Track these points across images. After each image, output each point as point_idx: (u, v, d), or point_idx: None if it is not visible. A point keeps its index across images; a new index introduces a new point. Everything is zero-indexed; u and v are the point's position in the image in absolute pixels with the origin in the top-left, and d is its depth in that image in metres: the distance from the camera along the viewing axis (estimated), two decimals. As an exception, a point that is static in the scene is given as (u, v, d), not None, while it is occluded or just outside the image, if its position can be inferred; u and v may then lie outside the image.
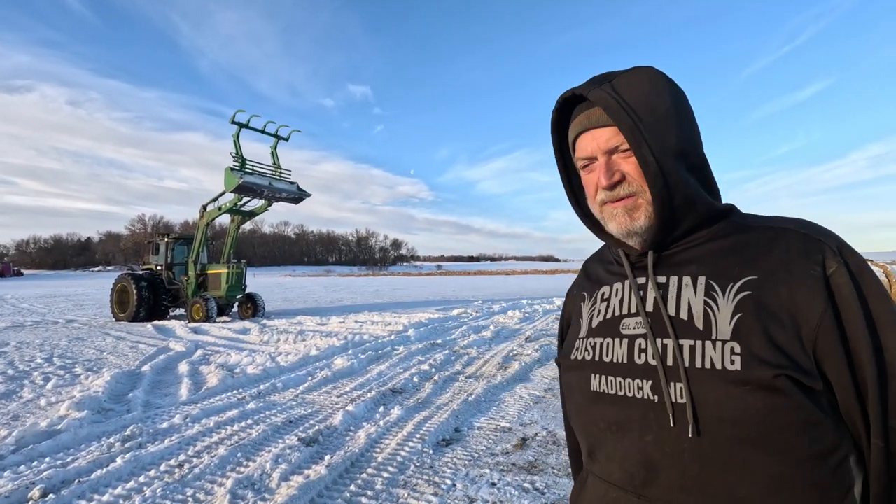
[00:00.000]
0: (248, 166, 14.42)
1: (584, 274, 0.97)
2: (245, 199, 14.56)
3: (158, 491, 3.12)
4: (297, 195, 15.35)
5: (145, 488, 3.17)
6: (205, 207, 15.17)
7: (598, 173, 0.75)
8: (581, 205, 0.87)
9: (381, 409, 4.89)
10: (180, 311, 16.09)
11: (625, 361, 0.73)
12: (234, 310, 15.71)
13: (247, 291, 14.98)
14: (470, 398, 5.24)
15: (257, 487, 3.18)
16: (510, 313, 14.04)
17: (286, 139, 15.94)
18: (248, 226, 17.14)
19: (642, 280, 0.78)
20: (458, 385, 5.94)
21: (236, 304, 15.11)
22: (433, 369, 6.65)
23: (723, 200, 0.80)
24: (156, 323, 13.58)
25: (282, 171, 15.43)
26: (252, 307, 14.75)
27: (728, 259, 0.71)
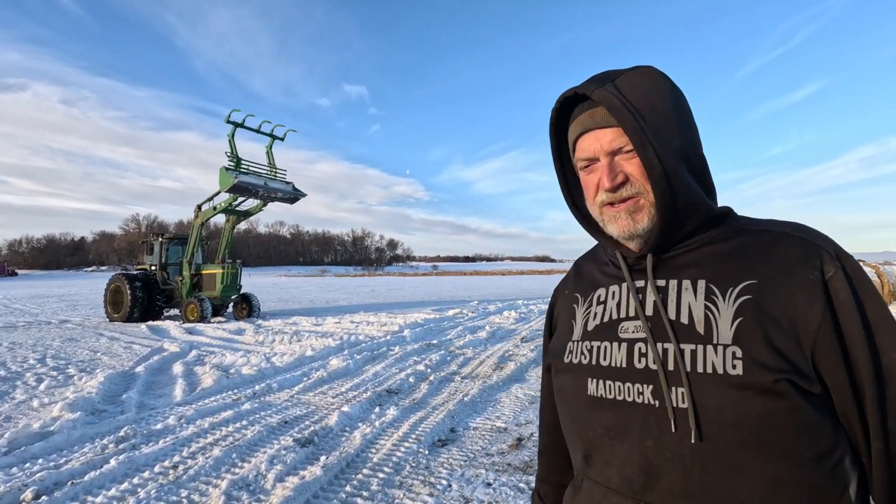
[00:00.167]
0: (243, 166, 14.39)
1: (575, 273, 0.94)
2: (240, 198, 14.52)
3: (153, 492, 3.10)
4: (292, 195, 15.34)
5: (139, 490, 3.16)
6: (199, 207, 15.13)
7: (601, 175, 0.74)
8: (577, 205, 0.86)
9: (377, 409, 4.89)
10: (175, 312, 16.00)
11: (624, 366, 0.72)
12: (229, 310, 15.66)
13: (242, 292, 14.95)
14: (465, 398, 5.25)
15: (252, 488, 3.17)
16: (506, 313, 14.07)
17: (281, 139, 15.94)
18: (243, 226, 17.10)
19: (641, 283, 0.76)
20: (453, 385, 5.94)
21: (231, 305, 15.08)
22: (429, 370, 6.65)
23: (718, 201, 0.79)
24: (150, 323, 13.51)
25: (277, 170, 15.42)
26: (247, 307, 14.72)
27: (727, 263, 0.71)
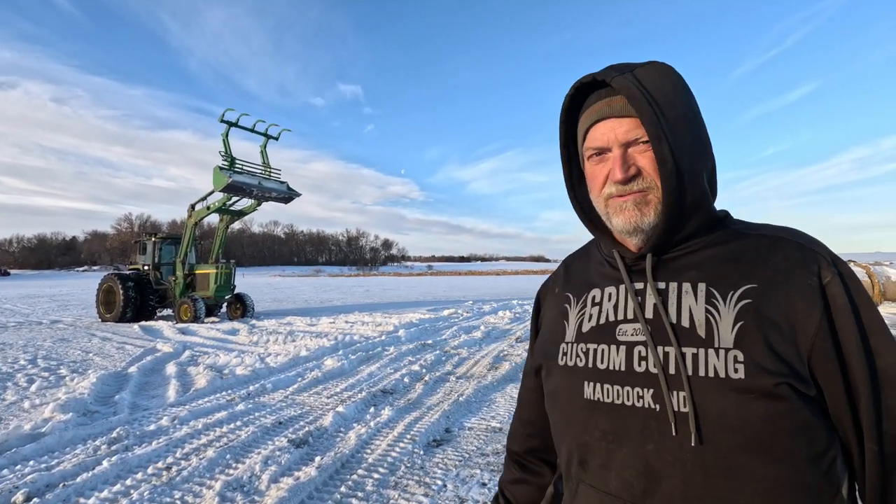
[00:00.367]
0: (237, 165, 14.31)
1: (564, 273, 0.92)
2: (234, 198, 14.45)
3: (146, 494, 3.08)
4: (286, 195, 15.28)
5: (132, 491, 3.13)
6: (193, 207, 15.03)
7: (612, 165, 0.73)
8: (578, 199, 0.84)
9: (372, 409, 4.88)
10: (168, 312, 15.91)
11: (623, 369, 0.72)
12: (223, 310, 15.57)
13: (235, 292, 14.88)
14: (461, 398, 5.25)
15: (246, 490, 3.16)
16: (501, 313, 14.09)
17: (276, 138, 15.86)
18: (236, 225, 17.02)
19: (639, 285, 0.75)
20: (448, 385, 5.94)
21: (225, 305, 14.99)
22: (424, 370, 6.65)
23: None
24: (143, 324, 13.42)
25: (271, 170, 15.35)
26: (241, 308, 14.64)
27: (727, 266, 0.71)
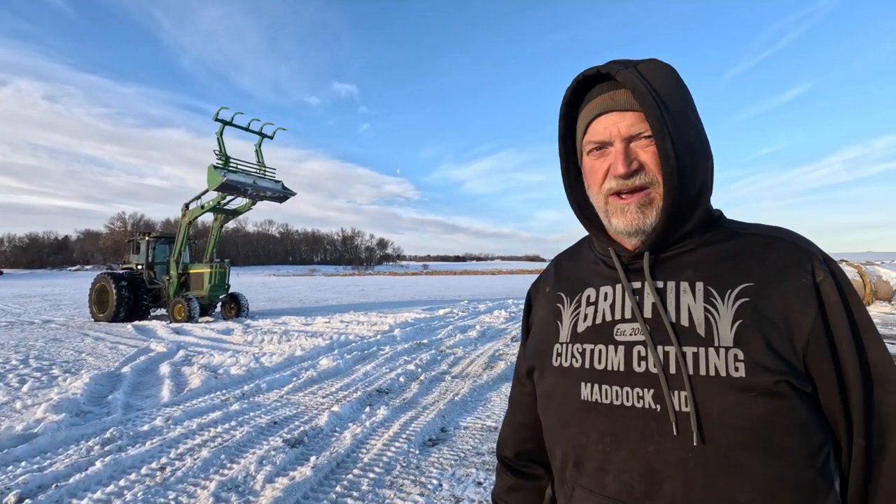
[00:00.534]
0: (231, 164, 14.25)
1: (555, 272, 0.91)
2: (228, 197, 14.39)
3: (139, 494, 3.06)
4: (281, 194, 15.24)
5: (126, 492, 3.11)
6: (187, 206, 14.95)
7: (614, 160, 0.72)
8: (574, 195, 0.83)
9: (367, 409, 4.87)
10: (162, 312, 15.80)
11: (622, 369, 0.71)
12: (217, 310, 15.51)
13: (230, 291, 14.81)
14: (456, 398, 5.25)
15: (241, 490, 3.15)
16: (496, 313, 14.11)
17: (271, 137, 15.82)
18: (231, 224, 16.95)
19: (637, 284, 0.74)
20: (444, 385, 5.94)
21: (219, 304, 14.93)
22: (419, 369, 6.65)
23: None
24: (136, 323, 13.32)
25: (266, 169, 15.30)
26: (235, 307, 14.58)
27: (724, 265, 0.71)
